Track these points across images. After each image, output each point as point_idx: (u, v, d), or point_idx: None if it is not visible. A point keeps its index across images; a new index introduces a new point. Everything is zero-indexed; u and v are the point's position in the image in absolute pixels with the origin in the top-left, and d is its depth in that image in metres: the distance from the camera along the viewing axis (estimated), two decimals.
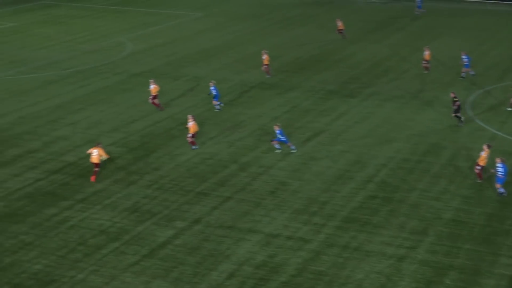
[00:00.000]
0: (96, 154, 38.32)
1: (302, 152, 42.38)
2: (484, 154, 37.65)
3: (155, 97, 49.20)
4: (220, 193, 37.10)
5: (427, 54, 58.11)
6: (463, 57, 56.44)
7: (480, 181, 37.86)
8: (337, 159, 41.48)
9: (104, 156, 38.58)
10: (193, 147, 42.76)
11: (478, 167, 37.85)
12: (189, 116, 42.70)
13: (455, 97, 46.26)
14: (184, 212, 35.13)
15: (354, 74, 58.98)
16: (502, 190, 36.15)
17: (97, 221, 34.19)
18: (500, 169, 35.76)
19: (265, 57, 57.95)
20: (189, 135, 42.62)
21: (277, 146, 42.24)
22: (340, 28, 71.53)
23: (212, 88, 49.58)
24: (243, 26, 77.85)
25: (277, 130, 41.98)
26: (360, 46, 68.54)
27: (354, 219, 34.29)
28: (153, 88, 48.97)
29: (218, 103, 49.70)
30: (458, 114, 46.22)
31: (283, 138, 42.04)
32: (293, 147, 42.40)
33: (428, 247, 31.74)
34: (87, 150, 39.68)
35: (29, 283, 29.17)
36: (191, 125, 42.31)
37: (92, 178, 38.59)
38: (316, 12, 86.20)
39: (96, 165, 38.53)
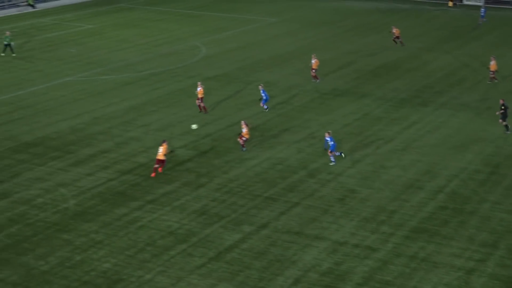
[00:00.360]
0: (161, 152, 39.34)
1: (372, 160, 42.12)
2: None
3: (201, 99, 50.06)
4: (288, 199, 37.14)
5: (492, 64, 57.22)
6: None
7: None
8: (407, 168, 41.09)
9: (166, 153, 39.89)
10: (244, 148, 43.33)
11: None
12: (242, 122, 43.01)
13: (503, 104, 45.94)
14: (251, 216, 35.27)
15: (427, 83, 58.33)
16: None
17: (166, 222, 34.59)
18: None
19: (314, 61, 57.90)
20: (243, 139, 43.02)
21: (333, 158, 41.85)
22: (396, 35, 71.03)
23: (261, 91, 50.15)
24: (317, 32, 77.70)
25: (327, 137, 41.76)
26: (435, 55, 67.75)
27: (423, 229, 33.90)
28: (200, 90, 49.87)
29: (265, 107, 50.50)
30: (505, 122, 45.97)
31: (331, 144, 41.49)
32: (338, 153, 41.92)
33: (499, 260, 31.18)
34: (158, 151, 40.24)
35: (98, 281, 29.67)
36: (245, 131, 42.66)
37: (159, 169, 39.86)
38: (390, 19, 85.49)
39: (161, 161, 39.57)
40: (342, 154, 41.91)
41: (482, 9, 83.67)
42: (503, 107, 46.17)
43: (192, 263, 31.02)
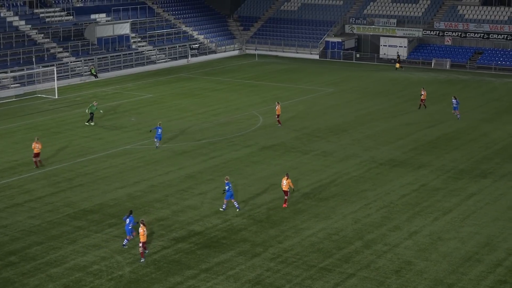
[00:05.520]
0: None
1: (430, 232, 41.54)
2: None
3: None
4: (343, 270, 36.72)
5: None
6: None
7: None
8: (466, 240, 40.39)
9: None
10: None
11: None
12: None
13: None
14: (306, 287, 34.91)
15: (487, 154, 57.66)
16: None
17: None
18: None
19: (277, 107, 66.55)
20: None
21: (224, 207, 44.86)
22: (423, 98, 74.05)
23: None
24: (374, 103, 77.74)
25: (226, 182, 44.62)
26: (494, 126, 67.13)
27: None
28: None
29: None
30: None
31: (228, 193, 44.47)
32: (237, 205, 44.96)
33: None
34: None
35: None
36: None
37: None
38: (448, 90, 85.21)
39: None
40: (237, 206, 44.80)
41: (454, 100, 70.73)
42: None
43: None
